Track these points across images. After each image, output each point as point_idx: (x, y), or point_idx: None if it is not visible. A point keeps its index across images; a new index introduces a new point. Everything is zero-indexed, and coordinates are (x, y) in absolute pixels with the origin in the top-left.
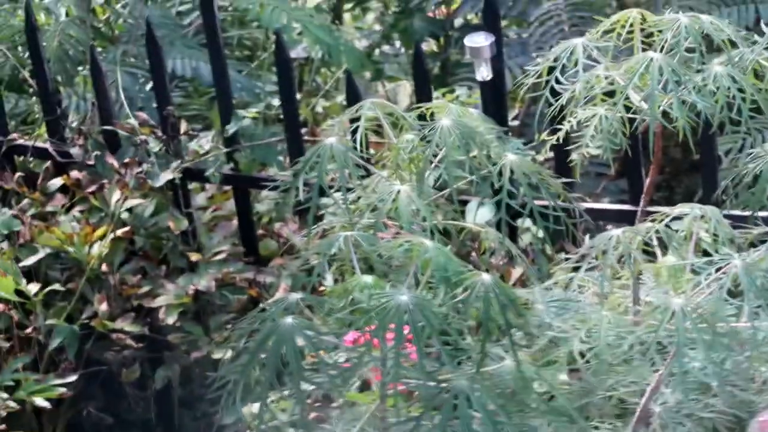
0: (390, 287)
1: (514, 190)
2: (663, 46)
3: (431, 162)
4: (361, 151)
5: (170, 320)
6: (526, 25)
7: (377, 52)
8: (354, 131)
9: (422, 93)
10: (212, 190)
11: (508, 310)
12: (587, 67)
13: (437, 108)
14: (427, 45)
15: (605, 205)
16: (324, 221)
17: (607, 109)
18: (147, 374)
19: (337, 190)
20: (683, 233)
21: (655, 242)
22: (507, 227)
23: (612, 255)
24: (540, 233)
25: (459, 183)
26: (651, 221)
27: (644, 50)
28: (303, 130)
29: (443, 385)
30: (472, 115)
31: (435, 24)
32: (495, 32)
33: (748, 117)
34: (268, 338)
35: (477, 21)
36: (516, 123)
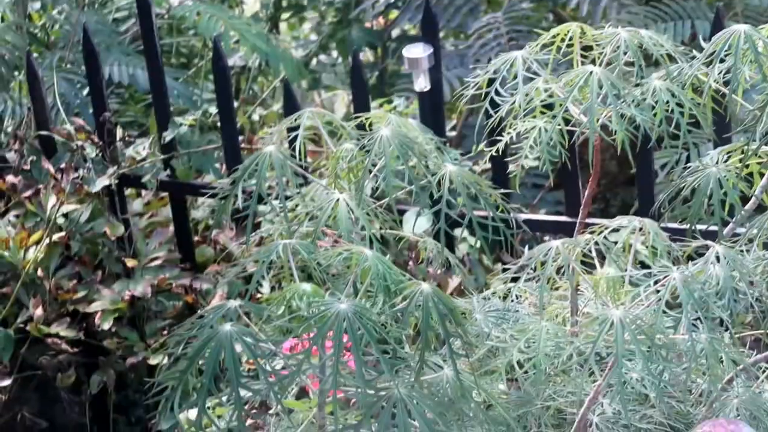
0: (329, 295)
1: (453, 200)
2: (602, 60)
3: (370, 171)
4: (300, 160)
5: (106, 325)
6: (465, 38)
7: (314, 62)
8: (292, 140)
9: (360, 103)
10: (149, 197)
11: (447, 320)
12: (527, 80)
13: (376, 118)
14: (364, 55)
15: (544, 216)
16: (262, 229)
17: (546, 122)
18: (82, 379)
19: (276, 198)
20: (621, 245)
21: (594, 254)
22: (445, 237)
23: (551, 266)
24: (478, 243)
25: (397, 192)
26: (590, 233)
27: (583, 64)
28: (240, 138)
29: (382, 394)
30: (411, 126)
31: (372, 34)
32: (433, 43)
33: (687, 131)
34: (207, 344)
35: (414, 32)
36: (454, 134)
